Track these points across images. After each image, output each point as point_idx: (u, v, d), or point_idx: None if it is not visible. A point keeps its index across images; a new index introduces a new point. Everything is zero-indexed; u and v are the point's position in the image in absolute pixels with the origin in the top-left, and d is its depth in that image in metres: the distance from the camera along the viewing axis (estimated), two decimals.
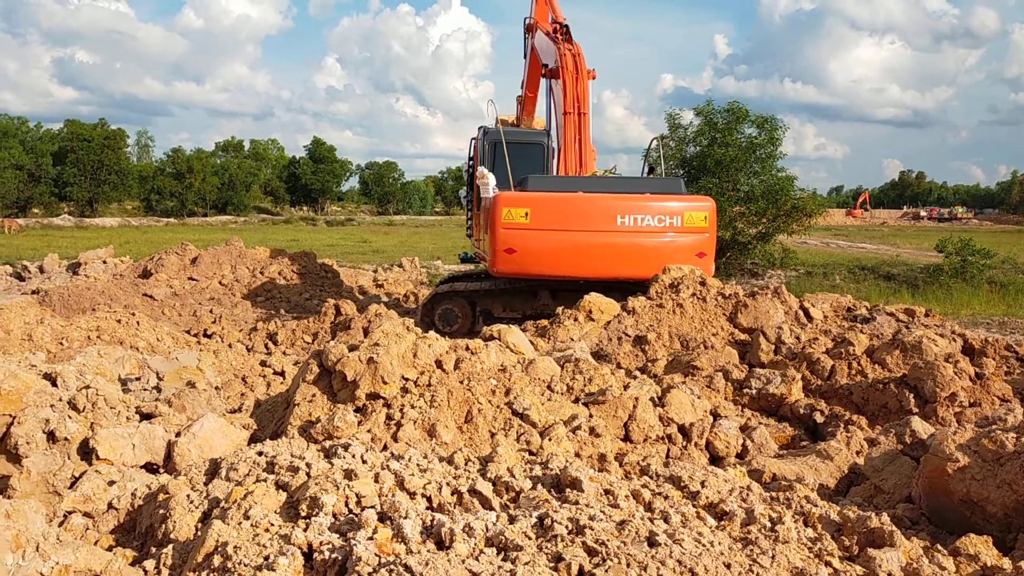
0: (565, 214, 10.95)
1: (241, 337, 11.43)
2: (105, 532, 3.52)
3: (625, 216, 10.83)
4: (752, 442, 5.76)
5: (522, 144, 13.32)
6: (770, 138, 24.24)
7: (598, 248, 10.90)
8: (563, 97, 12.72)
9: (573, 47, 13.16)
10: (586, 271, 11.20)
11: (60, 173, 72.80)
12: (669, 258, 10.64)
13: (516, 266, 11.18)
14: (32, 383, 4.60)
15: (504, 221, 10.88)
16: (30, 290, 16.05)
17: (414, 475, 3.38)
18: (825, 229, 57.59)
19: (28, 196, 70.68)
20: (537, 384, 5.69)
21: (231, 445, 4.56)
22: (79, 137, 74.24)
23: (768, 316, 8.54)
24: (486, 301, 12.30)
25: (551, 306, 11.80)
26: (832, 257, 30.14)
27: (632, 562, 2.63)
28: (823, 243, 41.12)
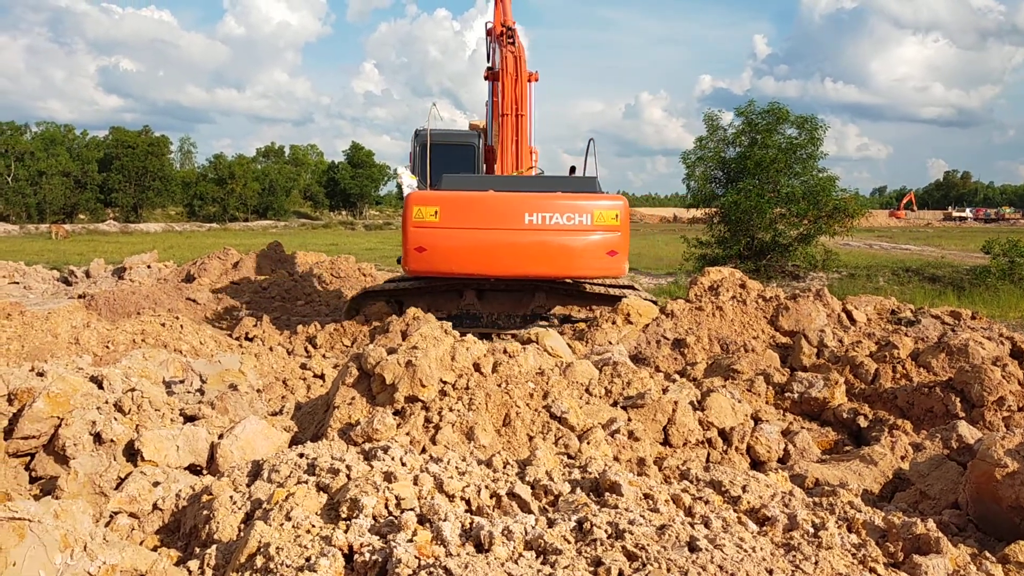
0: (474, 212, 10.98)
1: (281, 340, 11.55)
2: (150, 532, 3.58)
3: (533, 214, 10.80)
4: (794, 447, 5.69)
5: (453, 145, 13.38)
6: (811, 138, 23.91)
7: (506, 246, 10.89)
8: (501, 99, 12.81)
9: (515, 49, 13.20)
10: (495, 269, 11.23)
11: (105, 180, 74.27)
12: (579, 256, 10.71)
13: (427, 264, 11.22)
14: (79, 386, 4.69)
15: (414, 220, 10.95)
16: (77, 294, 16.37)
17: (453, 478, 3.38)
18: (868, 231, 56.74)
19: (75, 202, 72.21)
20: (575, 387, 5.68)
21: (272, 447, 4.61)
22: (124, 144, 75.67)
23: (810, 319, 8.43)
24: (412, 300, 12.26)
25: (476, 306, 11.96)
26: (875, 259, 29.68)
27: (672, 567, 2.61)
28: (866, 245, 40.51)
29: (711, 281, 9.33)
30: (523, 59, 12.99)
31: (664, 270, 25.55)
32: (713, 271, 9.59)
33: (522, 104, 12.74)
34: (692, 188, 25.85)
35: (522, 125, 12.78)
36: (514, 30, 13.60)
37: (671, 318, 8.85)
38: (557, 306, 11.96)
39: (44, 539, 2.59)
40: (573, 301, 12.06)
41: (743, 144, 24.71)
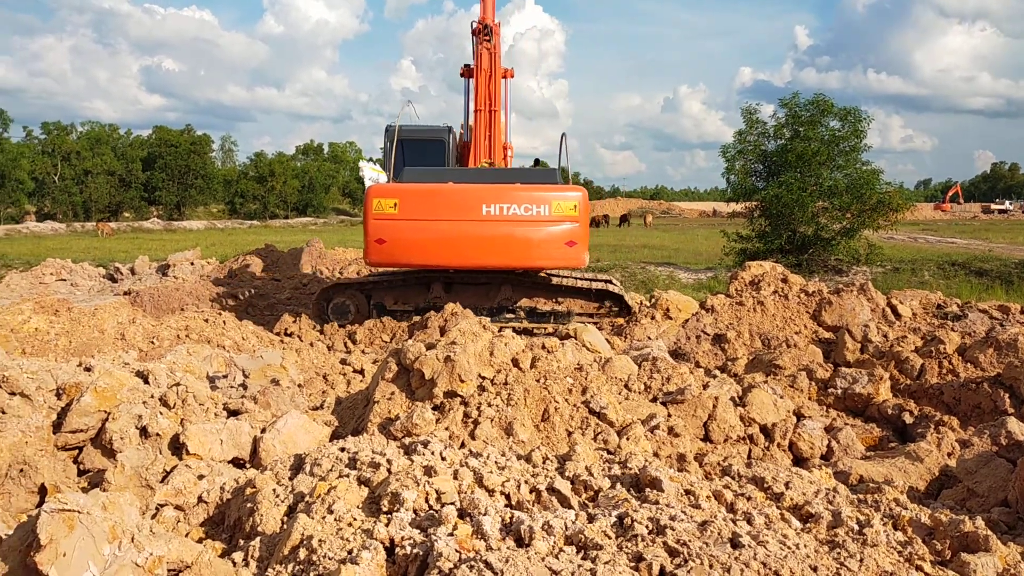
0: (432, 204, 11.06)
1: (321, 336, 11.66)
2: (195, 524, 3.63)
3: (491, 205, 10.88)
4: (837, 443, 5.61)
5: (423, 141, 13.37)
6: (854, 130, 23.51)
7: (464, 237, 10.98)
8: (475, 94, 12.87)
9: (491, 46, 13.24)
10: (454, 260, 11.33)
11: (149, 178, 75.59)
12: (537, 247, 10.77)
13: (387, 256, 11.34)
14: (126, 380, 4.78)
15: (375, 212, 11.08)
16: (122, 291, 16.69)
17: (492, 472, 3.39)
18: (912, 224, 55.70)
19: (120, 200, 73.58)
20: (614, 383, 5.65)
21: (313, 441, 4.65)
22: (167, 143, 76.93)
23: (854, 314, 8.30)
24: (379, 294, 12.41)
25: (443, 299, 11.98)
26: (920, 252, 29.10)
27: (715, 563, 2.59)
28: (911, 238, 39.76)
29: (752, 276, 9.23)
30: (498, 56, 13.07)
31: (703, 265, 25.32)
32: (754, 265, 9.48)
33: (495, 100, 12.84)
34: (732, 182, 25.56)
35: (495, 121, 12.87)
36: (492, 27, 13.66)
37: (711, 313, 8.77)
38: (523, 299, 12.06)
39: (93, 530, 2.64)
40: (539, 294, 12.13)
41: (784, 137, 24.38)
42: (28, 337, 8.56)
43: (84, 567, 2.58)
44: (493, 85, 12.85)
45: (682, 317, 9.12)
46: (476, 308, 11.86)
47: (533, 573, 2.43)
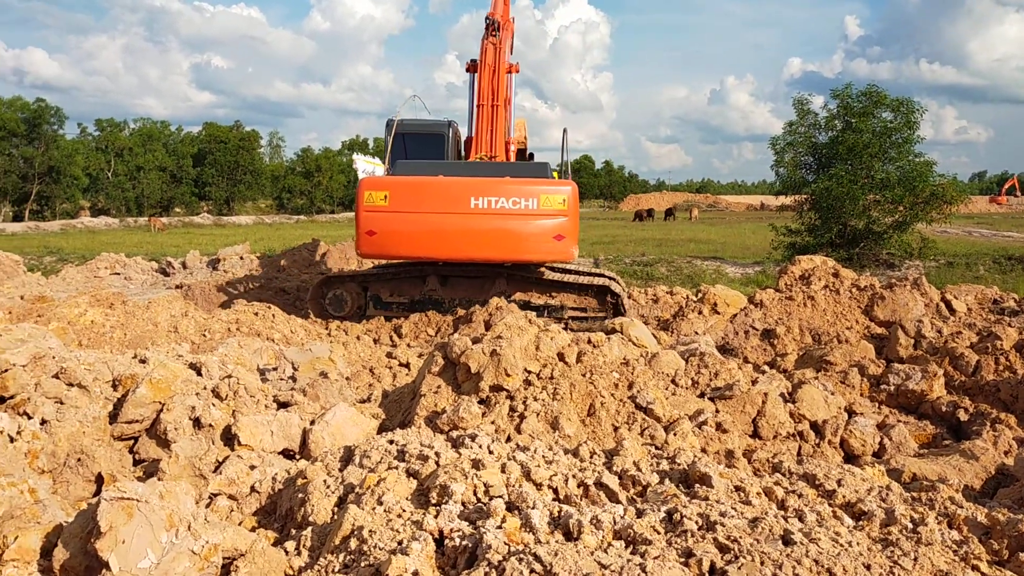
0: (421, 197, 11.13)
1: (367, 329, 11.77)
2: (248, 514, 3.70)
3: (479, 198, 10.91)
4: (890, 440, 5.51)
5: (424, 135, 13.39)
6: (906, 122, 23.02)
7: (452, 230, 11.04)
8: (478, 89, 12.84)
9: (496, 41, 13.21)
10: (443, 252, 11.37)
11: (199, 174, 76.96)
12: (525, 240, 10.80)
13: (377, 248, 11.48)
14: (179, 372, 4.88)
15: (366, 204, 11.19)
16: (174, 284, 17.03)
17: (540, 466, 3.39)
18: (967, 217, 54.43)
19: (171, 196, 75.03)
20: (661, 378, 5.62)
21: (361, 433, 4.70)
22: (216, 139, 78.21)
23: (907, 309, 8.14)
24: (376, 286, 12.47)
25: (439, 292, 12.09)
26: (975, 246, 28.42)
27: (766, 560, 2.56)
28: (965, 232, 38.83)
29: (802, 270, 9.10)
30: (503, 51, 13.05)
31: (751, 259, 25.02)
32: (804, 259, 9.34)
33: (498, 95, 12.80)
34: (781, 175, 25.21)
35: (498, 115, 12.84)
36: (499, 22, 13.63)
37: (760, 308, 8.66)
38: (518, 292, 12.10)
39: (151, 518, 2.70)
40: (534, 287, 12.18)
41: (835, 128, 23.96)
42: (84, 330, 8.77)
43: (142, 554, 2.64)
44: (496, 80, 12.85)
45: (730, 312, 9.02)
46: (470, 301, 12.00)
47: (582, 567, 2.42)
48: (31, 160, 60.71)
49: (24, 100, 62.24)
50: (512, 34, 15.60)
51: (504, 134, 12.90)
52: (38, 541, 3.05)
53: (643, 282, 19.46)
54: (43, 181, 62.45)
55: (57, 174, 62.97)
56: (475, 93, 13.08)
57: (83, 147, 71.10)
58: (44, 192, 63.28)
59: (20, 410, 4.45)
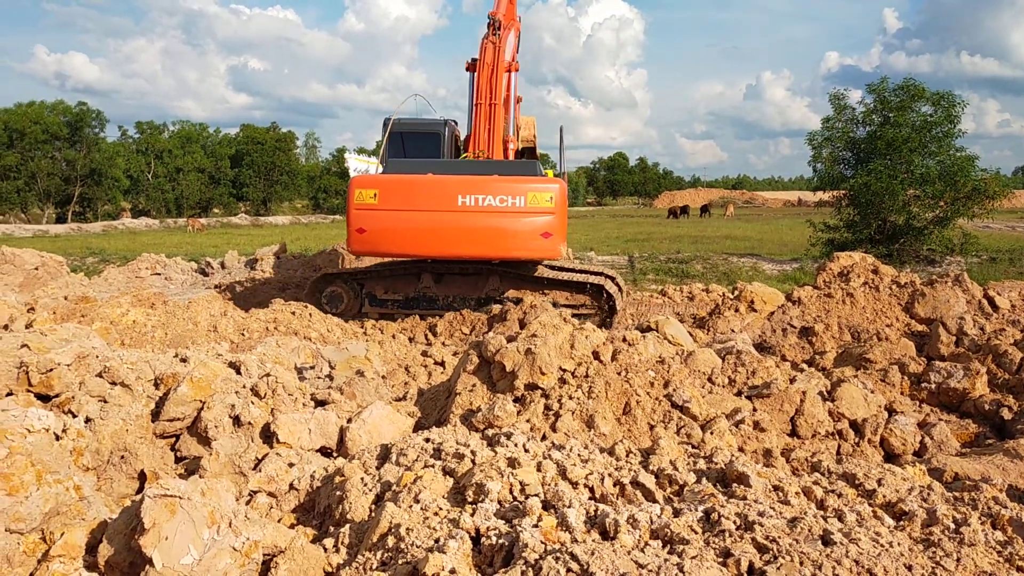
0: (410, 195, 11.25)
1: (402, 328, 11.85)
2: (287, 511, 3.74)
3: (466, 196, 10.99)
4: (931, 439, 5.42)
5: (420, 134, 13.44)
6: (947, 115, 22.61)
7: (440, 227, 11.14)
8: (476, 88, 12.85)
9: (496, 40, 13.18)
10: (431, 250, 11.51)
11: (237, 175, 77.92)
12: (512, 238, 10.87)
13: (367, 245, 11.61)
14: (219, 371, 4.95)
15: (356, 202, 11.35)
16: (213, 284, 17.26)
17: (576, 465, 3.39)
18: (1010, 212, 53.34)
19: (209, 197, 76.09)
20: (697, 376, 5.58)
21: (397, 431, 4.73)
22: (253, 141, 79.12)
23: (948, 306, 8.00)
24: (371, 284, 12.60)
25: (433, 289, 12.21)
26: (1019, 242, 27.84)
27: (806, 560, 2.53)
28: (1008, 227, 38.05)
29: (841, 267, 8.98)
30: (502, 51, 13.02)
31: (788, 255, 24.75)
32: (843, 256, 9.22)
33: (496, 94, 12.81)
34: (819, 170, 24.90)
35: (495, 114, 12.84)
36: (500, 21, 13.60)
37: (798, 305, 8.57)
38: (511, 289, 12.22)
39: (193, 515, 2.75)
40: (527, 285, 12.26)
41: (874, 123, 23.61)
42: (127, 329, 8.93)
43: (185, 550, 2.69)
44: (495, 79, 12.87)
45: (767, 309, 8.94)
46: (464, 298, 12.19)
47: (619, 566, 2.42)
48: (73, 163, 61.94)
49: (66, 104, 63.55)
50: (518, 33, 15.58)
51: (502, 133, 12.95)
52: (84, 537, 3.12)
53: (678, 279, 19.34)
54: (85, 183, 63.69)
55: (99, 176, 64.16)
56: (474, 92, 13.14)
57: (124, 149, 72.35)
58: (86, 194, 64.53)
59: (65, 408, 4.55)
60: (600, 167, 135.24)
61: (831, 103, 24.51)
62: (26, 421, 3.55)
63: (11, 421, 3.49)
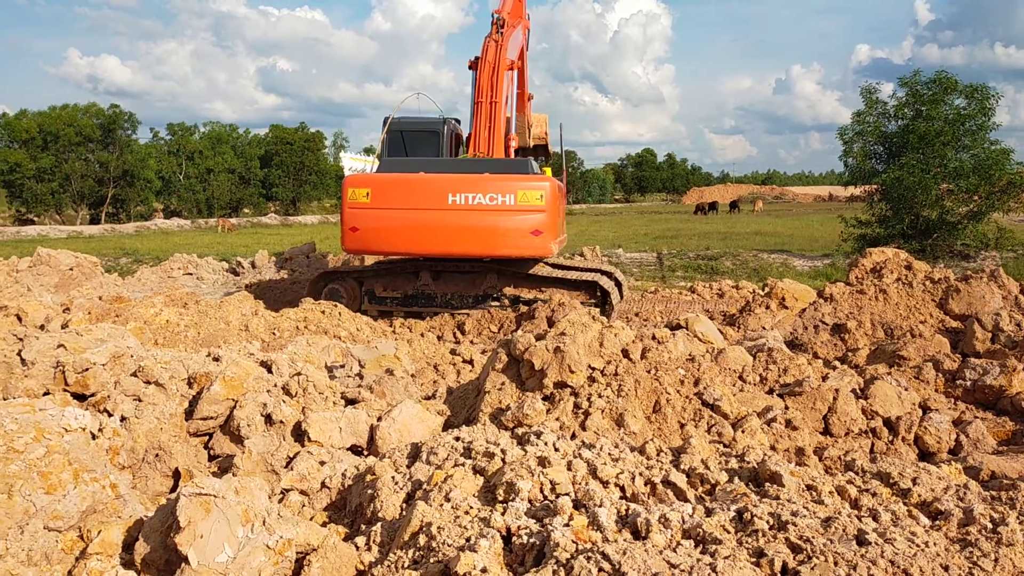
0: (402, 194, 11.34)
1: (431, 326, 11.89)
2: (319, 509, 3.77)
3: (456, 195, 11.04)
4: (967, 437, 5.34)
5: (418, 131, 13.48)
6: (981, 108, 22.24)
7: (431, 226, 11.20)
8: (477, 85, 12.86)
9: (498, 38, 13.18)
10: (423, 248, 11.57)
11: (266, 175, 78.62)
12: (502, 236, 10.91)
13: (360, 243, 11.79)
14: (251, 370, 5.00)
15: (349, 201, 11.50)
16: (244, 284, 17.43)
17: (606, 464, 3.38)
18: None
19: (239, 197, 76.82)
20: (728, 374, 5.54)
21: (427, 430, 4.75)
22: (282, 141, 79.75)
23: (983, 302, 7.88)
24: (371, 281, 12.72)
25: (431, 287, 12.33)
26: None
27: (840, 561, 2.51)
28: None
29: (873, 262, 8.87)
30: (504, 49, 13.00)
31: (820, 251, 24.50)
32: (876, 252, 9.11)
33: (497, 92, 12.80)
34: (850, 165, 24.59)
35: (495, 113, 12.83)
36: (504, 19, 13.59)
37: (830, 302, 8.48)
38: (508, 287, 12.29)
39: (227, 513, 2.77)
40: (524, 283, 12.32)
41: (906, 117, 23.28)
42: (160, 329, 9.05)
43: (220, 549, 2.72)
44: (495, 77, 12.88)
45: (798, 306, 8.85)
46: (462, 296, 12.32)
47: (651, 566, 2.41)
48: (107, 164, 62.84)
49: (99, 106, 64.44)
50: (526, 31, 15.54)
51: (502, 131, 12.96)
52: (120, 535, 3.16)
53: (708, 276, 19.21)
54: (118, 185, 64.59)
55: (131, 177, 65.03)
56: (475, 90, 13.17)
57: (155, 151, 73.26)
58: (119, 195, 65.43)
59: (101, 408, 4.62)
60: (628, 164, 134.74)
61: (862, 97, 24.21)
62: (63, 420, 3.60)
63: (48, 420, 3.55)
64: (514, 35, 13.90)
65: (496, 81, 12.87)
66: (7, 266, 15.94)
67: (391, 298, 12.61)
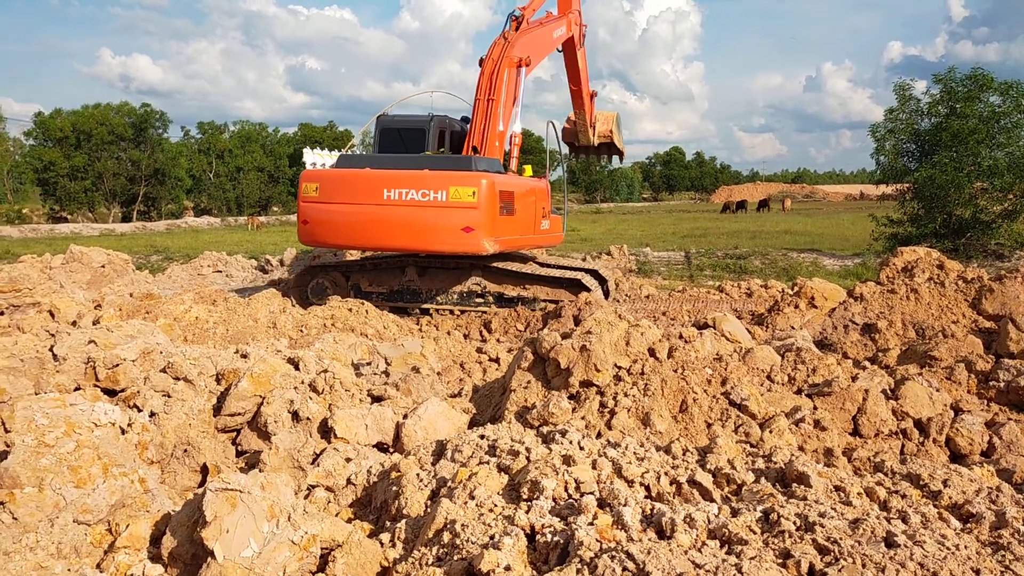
0: (343, 188, 11.83)
1: (457, 324, 11.92)
2: (344, 505, 3.79)
3: (391, 190, 11.42)
4: (1000, 439, 5.25)
5: (407, 129, 13.63)
6: (1016, 105, 21.87)
7: (368, 220, 11.62)
8: (479, 82, 13.03)
9: (507, 33, 13.29)
10: (363, 242, 12.08)
11: (295, 173, 79.21)
12: (432, 231, 11.25)
13: (311, 236, 12.27)
14: (278, 367, 5.03)
15: (303, 195, 12.06)
16: (272, 281, 17.57)
17: (631, 463, 3.36)
18: None
19: (268, 195, 77.49)
20: (755, 374, 5.49)
21: (453, 428, 4.76)
22: (311, 139, 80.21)
23: (1018, 302, 7.74)
24: (357, 276, 12.96)
25: (417, 283, 12.60)
26: None
27: (868, 563, 2.47)
28: None
29: (905, 262, 8.74)
30: (511, 46, 13.05)
31: (850, 250, 24.23)
32: (907, 251, 8.97)
33: (495, 90, 12.88)
34: (882, 163, 24.31)
35: (491, 110, 12.90)
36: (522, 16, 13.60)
37: (860, 301, 8.37)
38: (491, 284, 12.57)
39: (253, 509, 2.79)
40: (508, 280, 12.57)
41: (939, 114, 22.95)
42: (189, 325, 9.14)
43: (245, 543, 2.74)
44: (496, 75, 12.96)
45: (828, 306, 8.75)
46: (447, 292, 12.61)
47: (676, 566, 2.39)
48: (138, 163, 63.66)
49: (131, 105, 65.36)
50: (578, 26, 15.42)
51: (494, 128, 13.03)
52: (148, 529, 3.20)
53: (736, 275, 19.07)
54: (149, 183, 65.41)
55: (162, 176, 65.83)
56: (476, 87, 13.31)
57: (186, 149, 74.14)
58: (150, 193, 66.27)
59: (131, 403, 4.67)
60: (656, 162, 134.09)
61: (895, 94, 23.93)
62: (93, 415, 3.65)
63: (79, 415, 3.60)
64: (535, 33, 13.84)
65: (495, 79, 12.95)
66: (41, 263, 16.19)
67: (377, 293, 12.83)
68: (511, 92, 13.13)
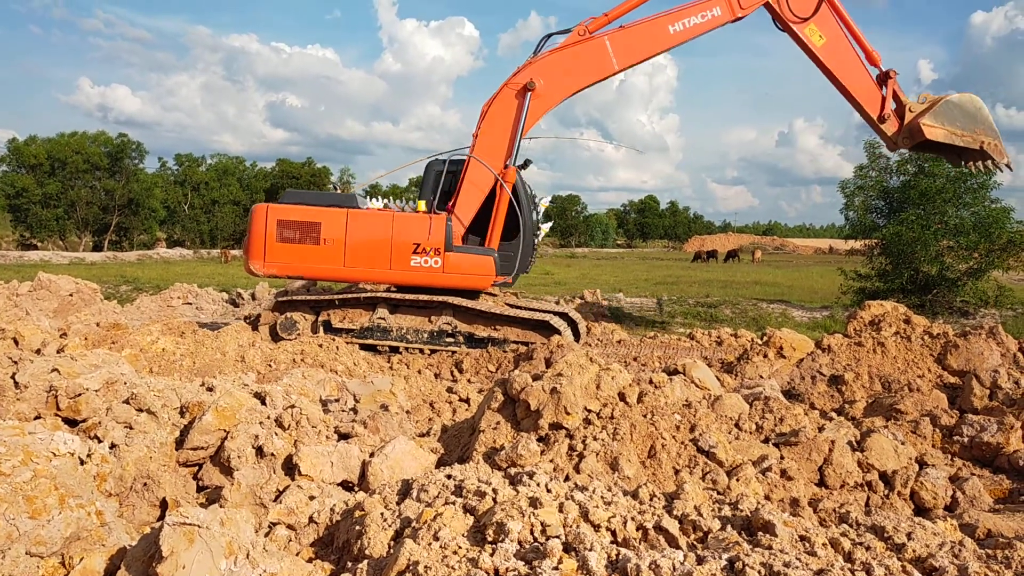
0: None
1: (428, 363, 11.85)
2: (306, 544, 3.72)
3: None
4: (963, 494, 5.29)
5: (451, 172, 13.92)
6: None
7: None
8: None
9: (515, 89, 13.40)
10: None
11: None
12: None
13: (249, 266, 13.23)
14: (244, 401, 4.96)
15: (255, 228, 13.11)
16: (243, 315, 17.40)
17: (598, 507, 3.34)
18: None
19: (243, 229, 77.04)
20: (724, 421, 5.51)
21: (420, 467, 4.71)
22: (289, 175, 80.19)
23: (982, 358, 7.86)
24: (328, 311, 13.17)
25: (387, 320, 12.77)
26: None
27: None
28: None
29: (872, 315, 8.87)
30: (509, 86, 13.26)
31: (819, 303, 24.52)
32: (875, 305, 9.10)
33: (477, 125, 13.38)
34: (851, 218, 24.70)
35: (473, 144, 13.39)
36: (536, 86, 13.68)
37: (828, 353, 8.46)
38: (462, 324, 12.80)
39: (211, 545, 2.73)
40: (480, 321, 12.82)
41: (908, 173, 23.44)
42: (156, 357, 9.02)
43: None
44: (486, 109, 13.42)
45: (796, 356, 8.83)
46: (417, 331, 12.73)
47: None
48: (112, 192, 63.19)
49: (107, 135, 65.07)
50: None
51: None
52: (102, 563, 3.12)
53: (707, 323, 19.20)
54: (123, 213, 64.89)
55: (136, 206, 65.33)
56: None
57: (162, 180, 73.69)
58: (123, 223, 65.71)
59: (91, 433, 4.58)
60: (631, 209, 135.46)
61: (865, 151, 24.39)
62: (52, 444, 3.57)
63: (37, 444, 3.52)
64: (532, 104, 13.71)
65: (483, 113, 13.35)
66: (7, 290, 15.95)
67: (347, 330, 12.85)
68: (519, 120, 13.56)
